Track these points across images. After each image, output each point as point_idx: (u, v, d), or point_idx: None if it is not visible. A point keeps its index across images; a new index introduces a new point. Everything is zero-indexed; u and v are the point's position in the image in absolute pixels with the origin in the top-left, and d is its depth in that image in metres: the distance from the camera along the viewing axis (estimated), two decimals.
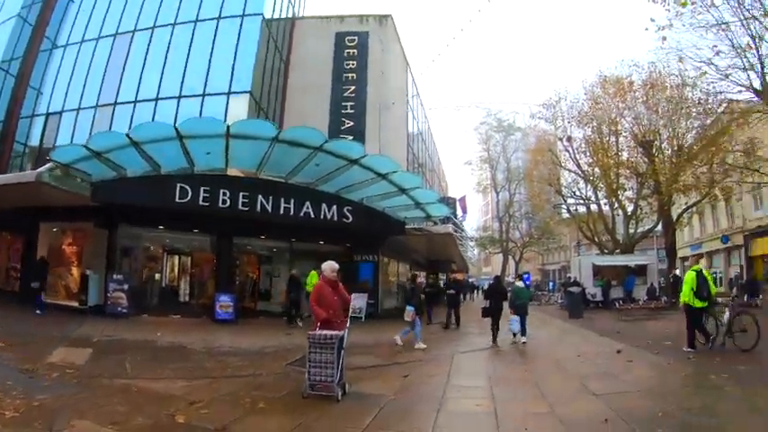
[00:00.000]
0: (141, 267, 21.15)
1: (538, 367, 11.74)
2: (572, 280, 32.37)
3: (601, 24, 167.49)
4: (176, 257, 23.16)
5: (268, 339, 14.45)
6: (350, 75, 30.20)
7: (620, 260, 35.79)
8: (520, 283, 17.68)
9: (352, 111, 29.13)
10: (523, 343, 15.12)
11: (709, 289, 12.07)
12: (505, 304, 15.95)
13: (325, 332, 8.09)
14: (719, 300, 20.51)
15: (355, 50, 30.79)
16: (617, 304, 26.04)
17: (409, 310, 14.69)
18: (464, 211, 69.75)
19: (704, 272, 12.51)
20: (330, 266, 8.96)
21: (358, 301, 21.92)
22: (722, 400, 7.68)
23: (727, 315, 12.31)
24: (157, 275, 22.04)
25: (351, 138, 24.90)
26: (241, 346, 13.39)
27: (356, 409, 7.49)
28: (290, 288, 20.09)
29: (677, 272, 32.50)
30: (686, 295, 12.16)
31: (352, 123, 28.46)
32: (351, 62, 30.56)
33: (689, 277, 12.31)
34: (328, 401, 7.75)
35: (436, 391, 8.91)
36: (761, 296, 25.49)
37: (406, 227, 22.78)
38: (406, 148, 32.04)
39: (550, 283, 64.08)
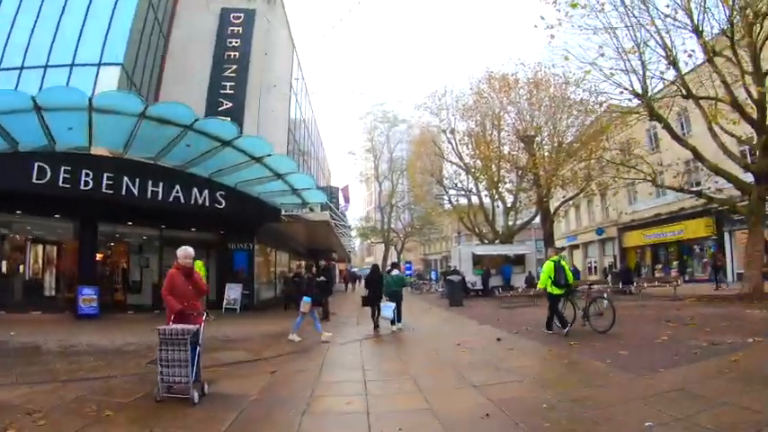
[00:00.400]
0: (1, 258, 18.69)
1: (416, 358, 11.25)
2: (452, 269, 32.44)
3: (493, 19, 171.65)
4: (41, 247, 20.50)
5: (131, 336, 12.87)
6: (233, 53, 28.40)
7: (499, 249, 36.46)
8: (395, 272, 17.32)
9: (231, 91, 27.31)
10: (399, 329, 15.44)
11: (566, 277, 13.19)
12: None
13: (177, 327, 7.08)
14: (596, 286, 21.23)
15: (240, 28, 29.01)
16: (497, 292, 26.11)
17: (306, 301, 13.73)
18: (346, 201, 69.20)
19: (562, 262, 13.51)
20: (184, 252, 7.84)
21: (232, 292, 21.26)
22: (608, 389, 7.36)
23: (607, 303, 13.46)
24: (21, 267, 19.42)
25: (228, 119, 23.55)
26: (99, 345, 11.91)
27: (212, 414, 6.57)
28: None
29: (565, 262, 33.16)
30: (544, 283, 13.42)
31: (230, 104, 26.67)
32: (234, 40, 28.71)
33: (547, 267, 13.49)
34: (183, 405, 6.80)
35: (304, 388, 8.11)
36: (634, 284, 26.63)
37: (282, 213, 21.99)
38: (287, 134, 30.75)
39: (432, 273, 64.61)
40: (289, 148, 30.14)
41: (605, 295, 14.13)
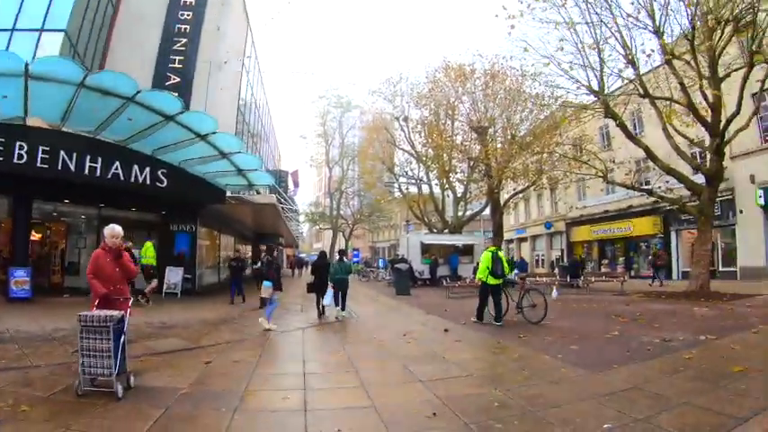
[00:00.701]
0: None
1: (360, 349, 10.68)
2: (400, 257, 32.21)
3: (453, 6, 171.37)
4: None
5: (64, 321, 11.59)
6: (183, 26, 26.96)
7: (448, 239, 36.36)
8: (337, 258, 16.91)
9: (180, 66, 26.01)
10: (343, 317, 15.32)
11: (502, 268, 13.40)
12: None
13: (99, 313, 6.35)
14: (544, 279, 23.10)
15: (193, 0, 27.67)
16: (444, 282, 25.75)
17: (266, 286, 13.09)
18: (296, 185, 68.45)
19: (499, 253, 13.76)
20: (111, 231, 7.24)
21: (173, 276, 20.37)
22: (561, 386, 7.05)
23: (540, 295, 14.01)
24: None
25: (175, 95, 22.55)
26: (28, 330, 10.91)
27: (137, 410, 5.93)
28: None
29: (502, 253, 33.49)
30: (482, 273, 13.50)
31: (178, 79, 25.36)
32: (186, 13, 27.27)
33: (485, 257, 13.64)
34: (107, 400, 6.10)
35: (239, 381, 7.47)
36: (582, 278, 26.83)
37: (227, 195, 21.20)
38: (236, 113, 29.60)
39: (380, 261, 64.31)
40: (238, 129, 29.13)
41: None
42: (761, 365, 7.64)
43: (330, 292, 15.31)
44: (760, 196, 26.21)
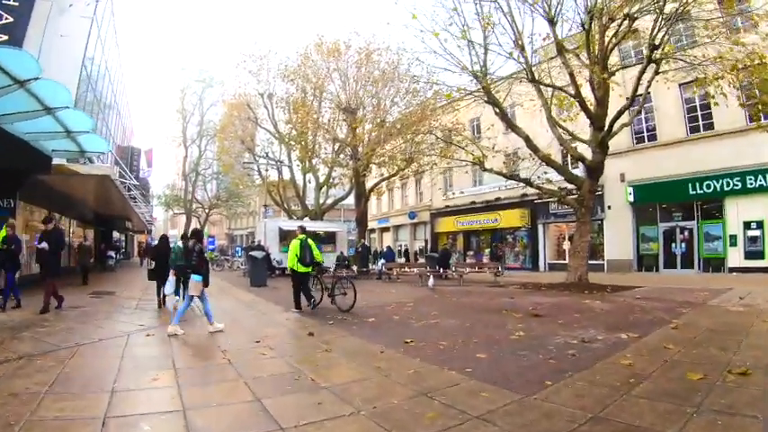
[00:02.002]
0: None
1: (197, 368, 7.52)
2: (257, 244, 29.08)
3: None
4: None
5: None
6: None
7: (309, 226, 33.54)
8: (180, 243, 14.41)
9: (15, 3, 21.14)
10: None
11: (311, 256, 13.34)
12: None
13: None
14: (415, 270, 23.01)
15: None
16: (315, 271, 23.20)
17: (196, 280, 10.14)
18: (149, 165, 64.00)
19: (309, 241, 13.56)
20: None
21: None
22: (497, 425, 4.75)
23: (350, 284, 13.98)
24: None
25: (5, 38, 18.46)
26: None
27: None
28: None
29: (365, 242, 34.26)
30: (291, 261, 13.47)
31: (10, 19, 20.70)
32: None
33: (293, 245, 13.48)
34: None
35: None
36: (453, 268, 25.84)
37: (54, 163, 17.38)
38: (79, 71, 24.92)
39: (237, 249, 60.81)
40: (80, 92, 24.74)
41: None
42: (712, 370, 6.32)
43: (171, 279, 12.92)
44: (630, 193, 28.21)
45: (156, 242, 16.98)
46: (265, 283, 21.82)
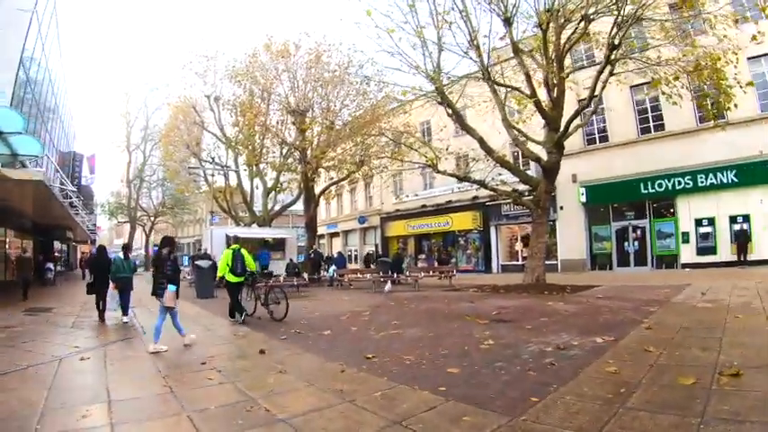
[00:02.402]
0: None
1: (132, 397, 6.19)
2: (203, 252, 27.99)
3: None
4: None
5: None
6: None
7: (257, 233, 32.94)
8: (121, 254, 14.20)
9: None
10: (125, 322, 13.10)
11: (243, 265, 13.16)
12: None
13: None
14: (368, 276, 22.61)
15: None
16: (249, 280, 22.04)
17: (171, 290, 9.35)
18: (92, 172, 61.72)
19: (242, 251, 13.44)
20: None
21: None
22: None
23: (282, 293, 13.67)
24: None
25: None
26: None
27: None
28: None
29: (317, 248, 34.38)
30: (222, 270, 13.31)
31: None
32: None
33: (225, 255, 13.51)
34: None
35: None
36: (407, 273, 25.49)
37: None
38: (16, 71, 23.22)
39: (184, 258, 58.99)
40: (18, 93, 22.97)
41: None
42: (702, 373, 5.84)
43: (113, 292, 13.24)
44: (582, 194, 28.64)
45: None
46: (213, 294, 20.55)
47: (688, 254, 24.63)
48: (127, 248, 15.61)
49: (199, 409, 5.58)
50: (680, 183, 24.61)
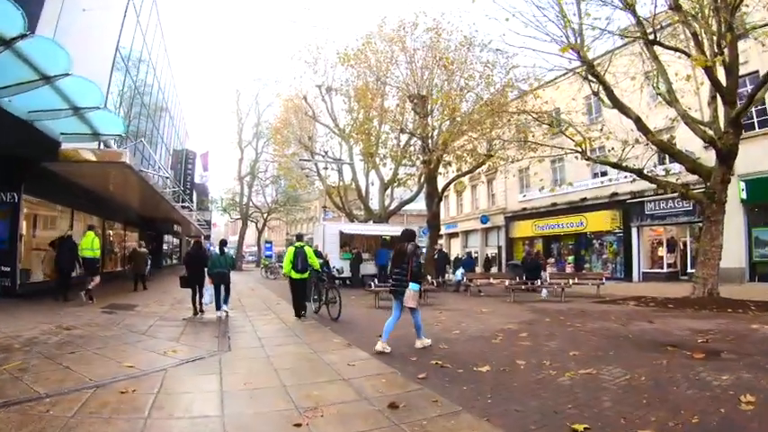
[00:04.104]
0: None
1: None
2: (313, 249, 25.14)
3: None
4: None
5: None
6: None
7: (374, 229, 30.16)
8: (217, 249, 14.34)
9: None
10: (226, 315, 13.30)
11: (305, 263, 13.40)
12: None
13: None
14: (496, 280, 20.90)
15: None
16: (371, 284, 19.03)
17: (414, 290, 8.80)
18: (205, 169, 61.88)
19: (305, 249, 13.69)
20: None
21: None
22: None
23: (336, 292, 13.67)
24: None
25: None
26: None
27: None
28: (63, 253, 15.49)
29: (441, 247, 31.19)
30: (286, 267, 13.72)
31: None
32: None
33: (288, 252, 13.87)
34: None
35: None
36: (546, 279, 21.30)
37: (62, 148, 14.09)
38: (112, 62, 21.53)
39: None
40: (113, 85, 21.13)
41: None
42: None
43: (209, 288, 13.51)
44: (743, 189, 23.49)
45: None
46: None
47: None
48: (223, 243, 14.70)
49: None
50: None
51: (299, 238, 14.55)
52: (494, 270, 35.74)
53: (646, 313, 13.87)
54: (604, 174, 29.99)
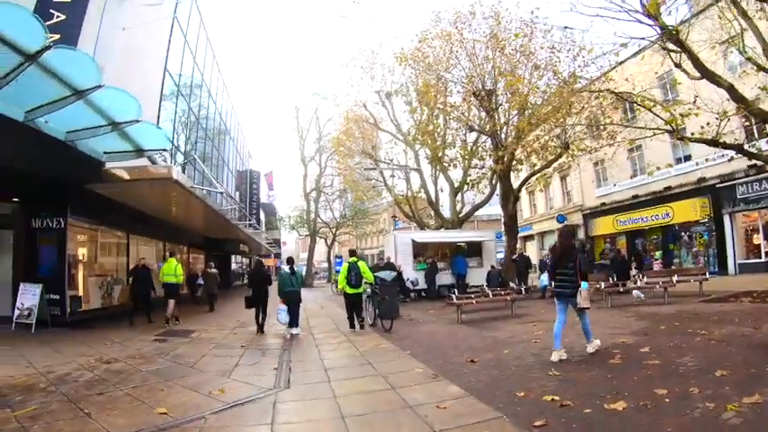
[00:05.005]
0: None
1: None
2: (385, 262, 23.50)
3: None
4: None
5: None
6: None
7: (447, 236, 28.28)
8: (286, 268, 14.31)
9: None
10: (295, 334, 13.31)
11: (357, 278, 13.84)
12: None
13: None
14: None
15: None
16: (449, 294, 17.23)
17: (585, 287, 8.41)
18: (270, 188, 61.75)
19: (359, 263, 14.11)
20: None
21: (27, 297, 13.01)
22: None
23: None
24: None
25: (57, 37, 14.19)
26: None
27: None
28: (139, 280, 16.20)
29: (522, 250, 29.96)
30: (341, 283, 14.33)
31: (62, 17, 16.41)
32: None
33: (343, 268, 14.40)
34: None
35: None
36: (640, 278, 19.14)
37: (107, 167, 13.19)
38: (161, 81, 20.52)
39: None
40: (167, 107, 20.38)
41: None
42: None
43: (282, 309, 13.32)
44: None
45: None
46: (397, 314, 15.76)
47: None
48: (292, 262, 14.82)
49: None
50: None
51: (353, 253, 14.89)
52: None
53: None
54: (689, 158, 27.75)
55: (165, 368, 8.79)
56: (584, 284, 8.22)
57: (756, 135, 20.29)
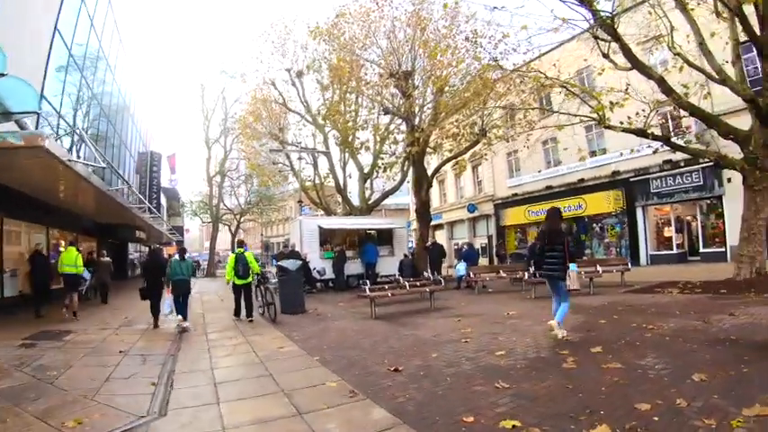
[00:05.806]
0: None
1: None
2: (290, 249, 22.34)
3: None
4: None
5: None
6: None
7: (357, 223, 26.92)
8: (177, 256, 14.00)
9: None
10: (185, 327, 12.35)
11: (245, 268, 13.92)
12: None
13: None
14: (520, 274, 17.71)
15: None
16: (359, 284, 16.19)
17: (573, 269, 8.68)
18: (173, 171, 58.91)
19: (245, 254, 14.15)
20: None
21: None
22: None
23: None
24: None
25: None
26: None
27: None
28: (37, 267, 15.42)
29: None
30: (229, 274, 14.25)
31: None
32: None
33: (230, 259, 14.47)
34: None
35: None
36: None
37: None
38: (49, 45, 17.48)
39: (273, 259, 54.34)
40: (57, 63, 17.74)
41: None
42: None
43: (168, 298, 12.97)
44: None
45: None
46: (303, 308, 14.95)
47: None
48: (183, 250, 14.65)
49: None
50: None
51: (241, 244, 14.92)
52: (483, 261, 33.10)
53: (707, 303, 11.57)
54: (604, 151, 28.49)
55: (18, 386, 6.67)
56: (572, 266, 8.54)
57: (672, 128, 20.62)
